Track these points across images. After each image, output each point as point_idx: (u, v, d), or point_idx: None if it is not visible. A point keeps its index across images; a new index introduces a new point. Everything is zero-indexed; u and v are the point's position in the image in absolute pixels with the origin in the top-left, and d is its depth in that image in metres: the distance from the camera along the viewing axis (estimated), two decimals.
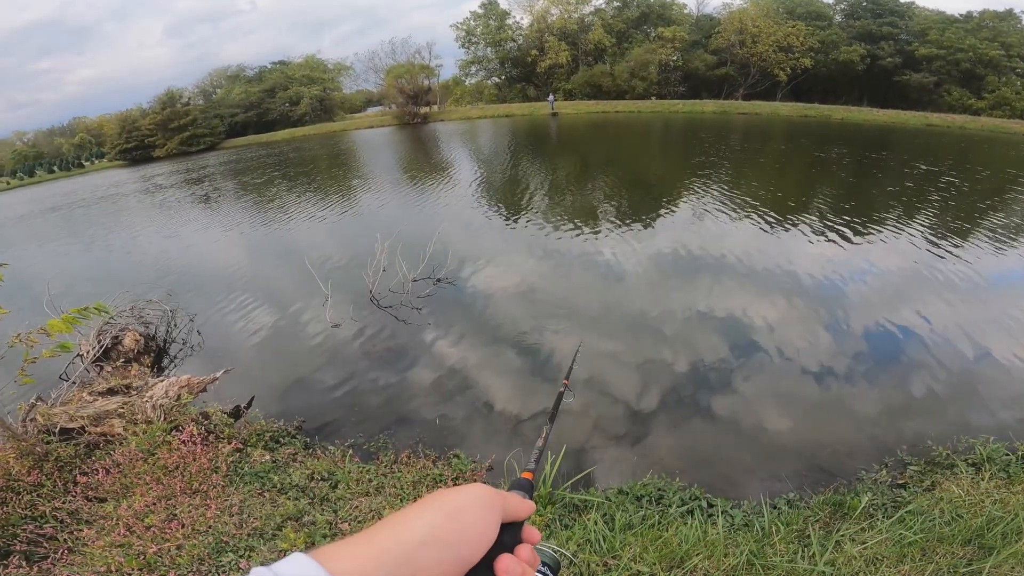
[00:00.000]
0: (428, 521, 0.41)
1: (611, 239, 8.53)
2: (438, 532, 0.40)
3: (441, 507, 0.43)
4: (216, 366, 5.24)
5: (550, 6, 41.12)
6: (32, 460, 3.69)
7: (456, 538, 0.41)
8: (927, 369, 4.73)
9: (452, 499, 0.44)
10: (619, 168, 15.72)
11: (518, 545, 0.49)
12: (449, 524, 0.42)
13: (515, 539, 0.50)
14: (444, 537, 0.40)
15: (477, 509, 0.44)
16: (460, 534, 0.42)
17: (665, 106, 34.01)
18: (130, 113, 45.06)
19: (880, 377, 4.65)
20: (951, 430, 3.80)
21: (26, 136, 62.60)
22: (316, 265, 7.52)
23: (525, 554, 0.48)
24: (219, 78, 51.97)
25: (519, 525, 0.51)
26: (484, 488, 0.47)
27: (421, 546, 0.39)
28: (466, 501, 0.44)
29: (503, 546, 0.46)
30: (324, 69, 50.32)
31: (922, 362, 4.84)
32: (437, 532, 0.40)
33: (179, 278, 8.75)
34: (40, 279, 7.62)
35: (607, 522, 2.89)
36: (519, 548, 0.48)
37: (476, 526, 0.43)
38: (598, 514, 2.95)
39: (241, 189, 18.44)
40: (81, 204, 21.43)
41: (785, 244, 8.03)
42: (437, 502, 0.44)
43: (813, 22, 36.17)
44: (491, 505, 0.46)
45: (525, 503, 0.53)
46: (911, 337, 5.29)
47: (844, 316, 5.73)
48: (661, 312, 5.97)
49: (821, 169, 14.61)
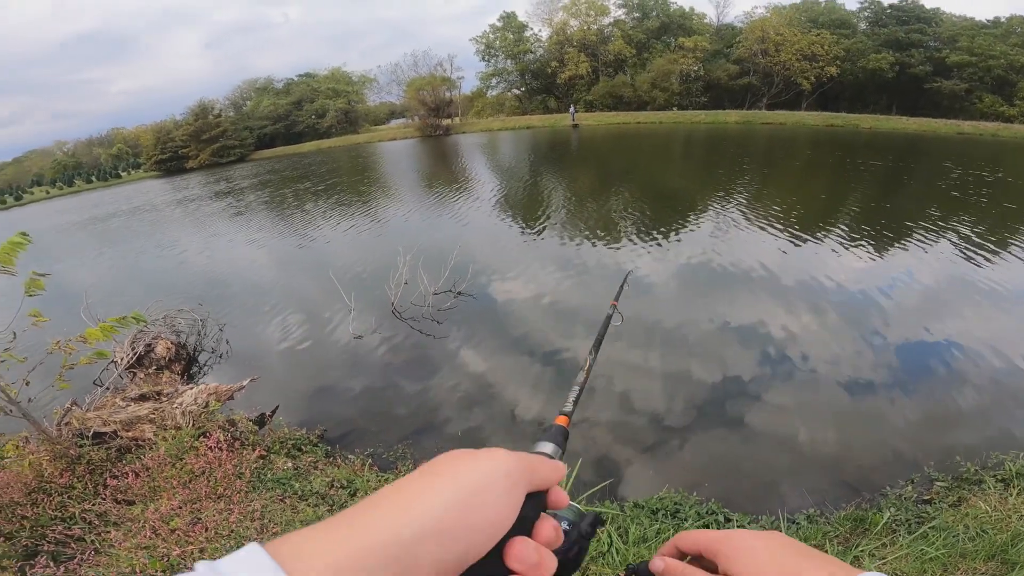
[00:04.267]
0: (435, 506, 0.32)
1: (632, 251, 8.50)
2: (446, 522, 0.32)
3: (455, 487, 0.34)
4: (243, 374, 5.37)
5: (569, 18, 41.43)
6: (65, 463, 3.81)
7: (467, 530, 0.32)
8: (958, 383, 4.59)
9: (468, 475, 0.35)
10: (640, 179, 15.68)
11: (539, 519, 0.40)
12: (462, 512, 0.33)
13: (538, 509, 0.41)
14: (453, 529, 0.32)
15: (499, 488, 0.35)
16: (473, 524, 0.33)
17: (687, 117, 33.83)
18: (165, 124, 46.66)
19: (909, 391, 4.53)
20: (981, 446, 3.70)
21: (66, 146, 65.24)
22: (340, 277, 7.68)
23: (546, 531, 0.39)
24: (249, 90, 53.59)
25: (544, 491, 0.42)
26: (508, 457, 0.38)
27: (420, 542, 0.30)
28: (486, 478, 0.35)
29: (522, 520, 0.37)
30: (349, 81, 51.49)
31: (953, 376, 4.71)
32: (445, 523, 0.31)
33: (210, 288, 9.03)
34: (78, 288, 7.96)
35: (621, 535, 2.88)
36: (541, 523, 0.40)
37: (495, 511, 0.35)
38: (612, 527, 2.94)
39: (269, 201, 18.94)
40: (117, 215, 22.28)
41: (810, 255, 7.89)
42: (449, 479, 0.34)
43: (837, 30, 35.61)
44: (516, 481, 0.37)
45: (555, 469, 0.43)
46: (942, 350, 5.14)
47: (872, 328, 5.60)
48: (682, 323, 5.92)
49: (849, 179, 14.32)
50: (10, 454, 3.69)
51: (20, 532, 3.26)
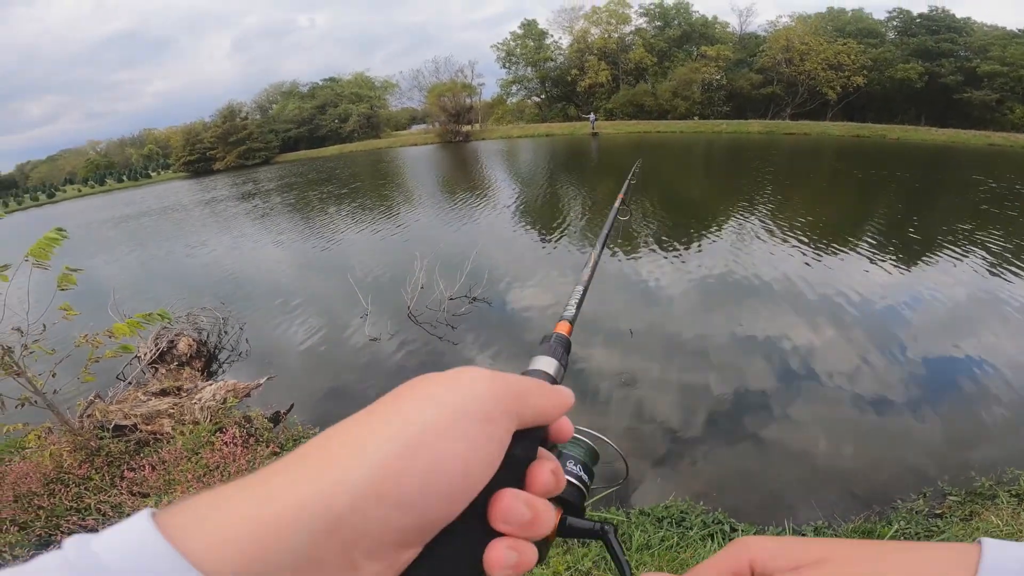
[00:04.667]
0: (376, 456, 0.23)
1: (650, 261, 8.43)
2: (392, 478, 0.23)
3: (403, 428, 0.25)
4: (260, 373, 5.46)
5: (590, 26, 41.62)
6: (84, 454, 3.90)
7: (424, 486, 0.24)
8: (980, 400, 4.48)
9: (424, 410, 0.25)
10: (660, 189, 15.57)
11: (535, 461, 0.31)
12: (413, 462, 0.24)
13: (532, 447, 0.31)
14: (403, 486, 0.23)
15: (467, 426, 0.26)
16: (432, 478, 0.24)
17: (708, 126, 33.55)
18: (194, 126, 47.97)
19: (928, 407, 4.45)
20: (999, 462, 3.62)
21: (99, 145, 67.50)
22: (358, 279, 7.77)
23: (542, 476, 0.30)
24: (275, 93, 54.88)
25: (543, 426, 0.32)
26: (483, 381, 0.28)
27: (359, 506, 0.22)
28: (450, 412, 0.26)
29: (510, 465, 0.28)
30: (372, 86, 52.38)
31: (975, 393, 4.60)
32: (390, 479, 0.23)
33: (233, 287, 9.21)
34: (106, 284, 8.20)
35: (625, 541, 2.87)
36: (536, 466, 0.30)
37: (463, 458, 0.25)
38: None
39: (294, 203, 19.27)
40: (148, 214, 22.93)
41: (833, 268, 7.73)
42: (398, 416, 0.25)
43: (864, 39, 35.04)
44: (494, 415, 0.27)
45: (555, 396, 0.32)
46: (965, 366, 5.01)
47: (893, 343, 5.48)
48: (699, 335, 5.84)
49: (875, 191, 14.02)
50: (32, 444, 3.77)
51: (35, 522, 3.34)
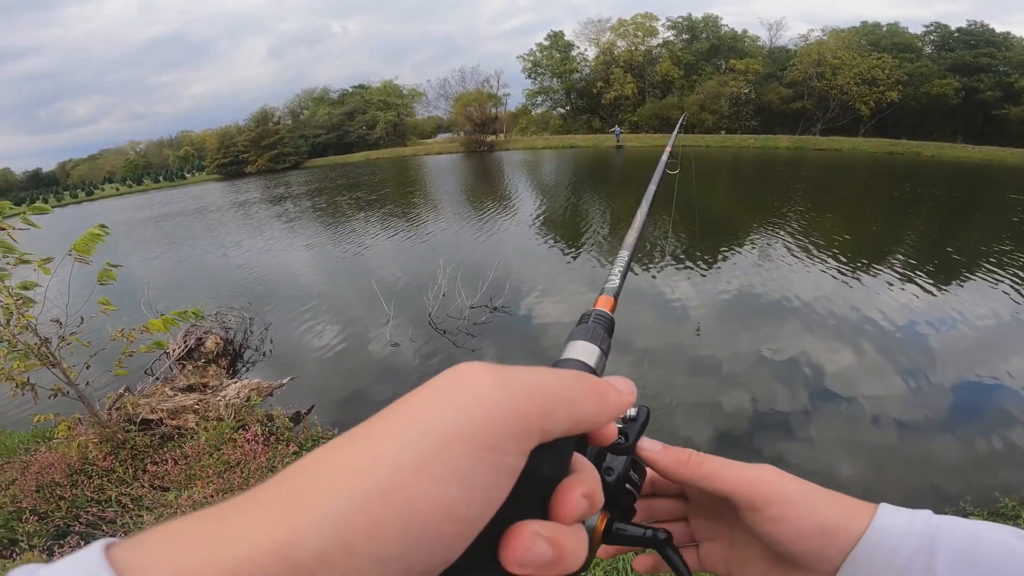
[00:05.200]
0: (338, 505, 0.18)
1: (672, 276, 8.34)
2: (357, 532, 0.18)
3: (369, 467, 0.19)
4: (283, 373, 5.56)
5: (617, 39, 41.65)
6: (110, 446, 4.00)
7: (398, 540, 0.18)
8: (1005, 422, 4.40)
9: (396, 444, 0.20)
10: (684, 203, 15.41)
11: (566, 479, 0.24)
12: (381, 513, 0.18)
13: (563, 462, 0.25)
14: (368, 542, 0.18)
15: (457, 464, 0.20)
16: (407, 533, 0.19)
17: (735, 141, 33.15)
18: (229, 129, 49.57)
19: (951, 428, 4.40)
20: None
21: (139, 146, 70.15)
22: (381, 285, 7.88)
23: (572, 503, 0.24)
24: (306, 99, 56.26)
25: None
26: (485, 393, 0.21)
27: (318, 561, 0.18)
28: (428, 448, 0.20)
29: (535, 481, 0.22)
30: (399, 94, 53.31)
31: (1000, 415, 4.51)
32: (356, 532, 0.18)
33: (261, 288, 9.44)
34: (141, 280, 8.48)
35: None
36: (566, 488, 0.24)
37: (451, 506, 0.19)
38: None
39: (325, 208, 19.70)
40: (184, 213, 23.70)
41: (861, 288, 7.52)
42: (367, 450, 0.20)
43: (900, 54, 34.27)
44: (494, 444, 0.21)
45: (606, 397, 0.25)
46: (995, 390, 4.91)
47: (917, 363, 5.37)
48: (721, 352, 5.75)
49: (907, 209, 13.63)
50: (62, 435, 3.88)
51: (55, 512, 3.41)
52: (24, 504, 3.45)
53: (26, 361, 3.38)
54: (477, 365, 0.22)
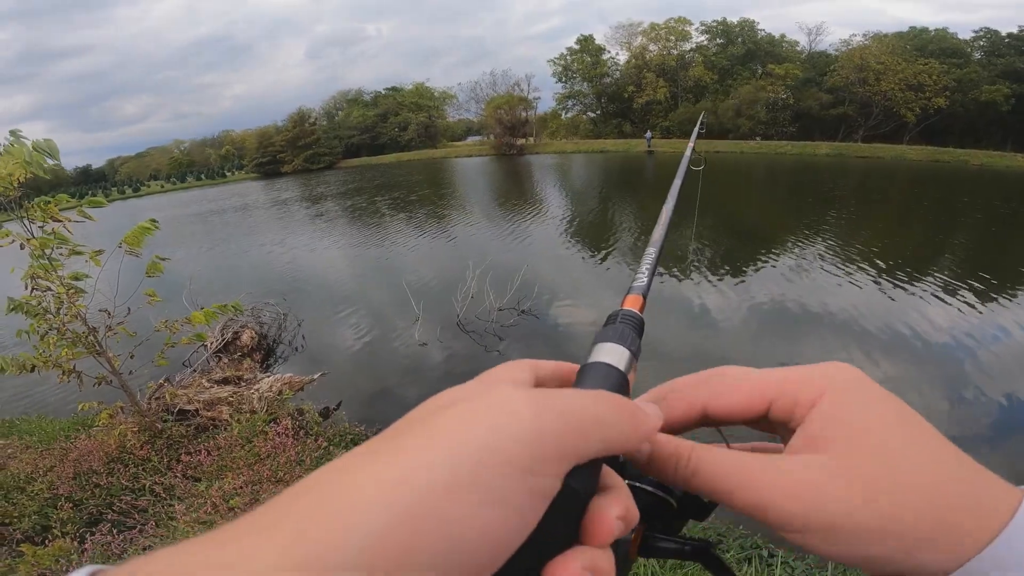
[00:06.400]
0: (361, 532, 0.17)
1: (702, 285, 8.16)
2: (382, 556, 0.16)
3: (396, 489, 0.18)
4: (314, 368, 5.67)
5: (648, 43, 41.21)
6: (147, 436, 4.13)
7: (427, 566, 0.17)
8: None
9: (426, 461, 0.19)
10: (716, 211, 15.11)
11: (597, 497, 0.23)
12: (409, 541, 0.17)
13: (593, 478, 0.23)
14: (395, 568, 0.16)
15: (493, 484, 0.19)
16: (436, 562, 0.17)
17: (771, 147, 32.31)
18: (267, 129, 51.11)
19: (995, 444, 4.27)
20: None
21: (183, 145, 72.95)
22: (411, 285, 7.97)
23: (606, 525, 0.22)
24: (341, 100, 57.50)
25: None
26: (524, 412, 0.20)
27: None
28: (464, 467, 0.18)
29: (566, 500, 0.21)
30: (431, 96, 53.95)
31: None
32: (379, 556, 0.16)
33: (296, 285, 9.69)
34: (183, 274, 8.81)
35: (660, 560, 2.76)
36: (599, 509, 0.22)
37: (486, 532, 0.18)
38: None
39: (353, 208, 20.14)
40: (228, 210, 24.65)
41: (901, 301, 7.22)
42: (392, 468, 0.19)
43: (948, 59, 32.84)
44: (533, 468, 0.20)
45: (637, 422, 0.24)
46: None
47: (958, 378, 5.18)
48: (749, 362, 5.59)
49: (952, 221, 13.00)
50: (103, 422, 4.01)
51: (89, 500, 3.51)
52: (60, 491, 3.56)
53: (73, 349, 3.52)
54: (513, 380, 0.23)
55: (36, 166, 2.93)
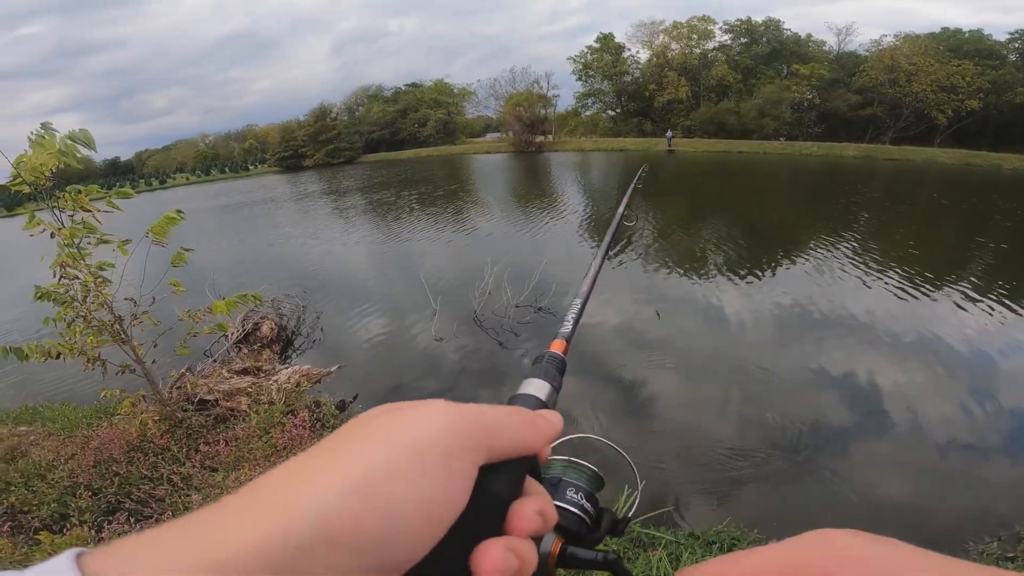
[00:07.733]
0: (328, 495, 0.21)
1: (722, 286, 8.03)
2: (342, 524, 0.21)
3: (348, 469, 0.23)
4: (331, 361, 5.71)
5: (670, 41, 40.60)
6: (168, 425, 4.16)
7: (378, 532, 0.22)
8: None
9: (382, 445, 0.24)
10: (738, 212, 14.86)
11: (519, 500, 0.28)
12: (364, 506, 0.22)
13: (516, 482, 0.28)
14: (351, 534, 0.21)
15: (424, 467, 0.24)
16: (386, 525, 0.22)
17: (796, 148, 31.56)
18: (289, 124, 51.76)
19: (1013, 454, 4.18)
20: None
21: (208, 139, 74.32)
22: (429, 281, 8.00)
23: (526, 520, 0.27)
24: (362, 96, 57.91)
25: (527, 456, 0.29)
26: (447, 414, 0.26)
27: (309, 548, 0.20)
28: (410, 448, 0.24)
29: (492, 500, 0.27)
30: (450, 93, 54.06)
31: None
32: (341, 524, 0.21)
33: (316, 278, 9.80)
34: (206, 265, 8.98)
35: (672, 561, 2.79)
36: (520, 507, 0.28)
37: (423, 503, 0.23)
38: (664, 551, 2.86)
39: (373, 203, 20.32)
40: (252, 203, 25.06)
41: (926, 308, 7.03)
42: (353, 453, 0.24)
43: (983, 61, 31.72)
44: (451, 452, 0.25)
45: (537, 425, 0.30)
46: None
47: (978, 386, 5.06)
48: (768, 364, 5.53)
49: (982, 226, 12.55)
50: (125, 411, 4.04)
51: (108, 488, 3.52)
52: (80, 479, 3.57)
53: (99, 337, 3.57)
54: (441, 400, 0.27)
55: (69, 156, 2.98)
